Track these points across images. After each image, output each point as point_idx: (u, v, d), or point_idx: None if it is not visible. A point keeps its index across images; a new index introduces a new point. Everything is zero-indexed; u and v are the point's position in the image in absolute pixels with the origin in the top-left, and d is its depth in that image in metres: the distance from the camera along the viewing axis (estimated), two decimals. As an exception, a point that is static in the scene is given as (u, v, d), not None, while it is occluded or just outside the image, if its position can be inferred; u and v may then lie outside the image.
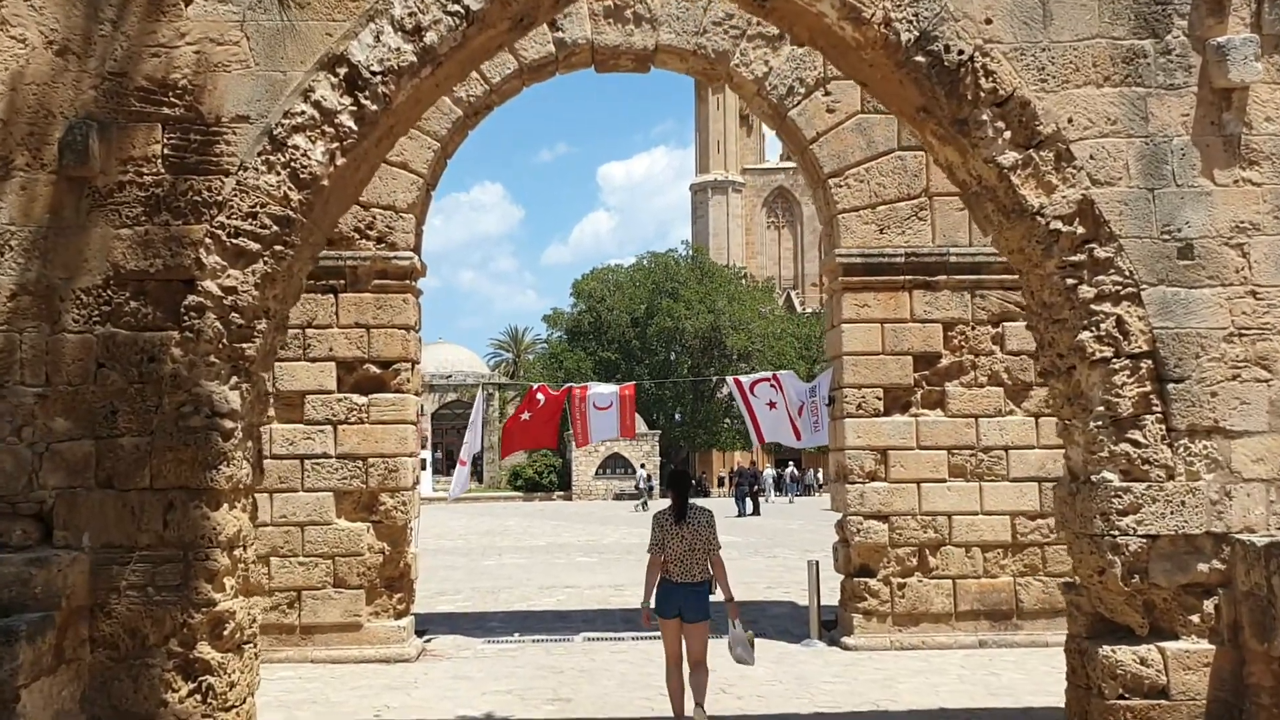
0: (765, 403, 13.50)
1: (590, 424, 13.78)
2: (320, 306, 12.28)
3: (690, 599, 8.23)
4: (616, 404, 13.74)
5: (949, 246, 12.59)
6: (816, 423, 13.20)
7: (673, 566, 8.24)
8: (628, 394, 13.78)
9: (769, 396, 13.50)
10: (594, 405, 13.91)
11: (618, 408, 13.75)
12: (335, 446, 12.16)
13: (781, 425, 13.39)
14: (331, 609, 12.00)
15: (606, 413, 13.80)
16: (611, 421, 13.77)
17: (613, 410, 13.78)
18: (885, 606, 12.25)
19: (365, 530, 12.11)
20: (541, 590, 17.70)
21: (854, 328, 12.54)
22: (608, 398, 13.80)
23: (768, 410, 13.47)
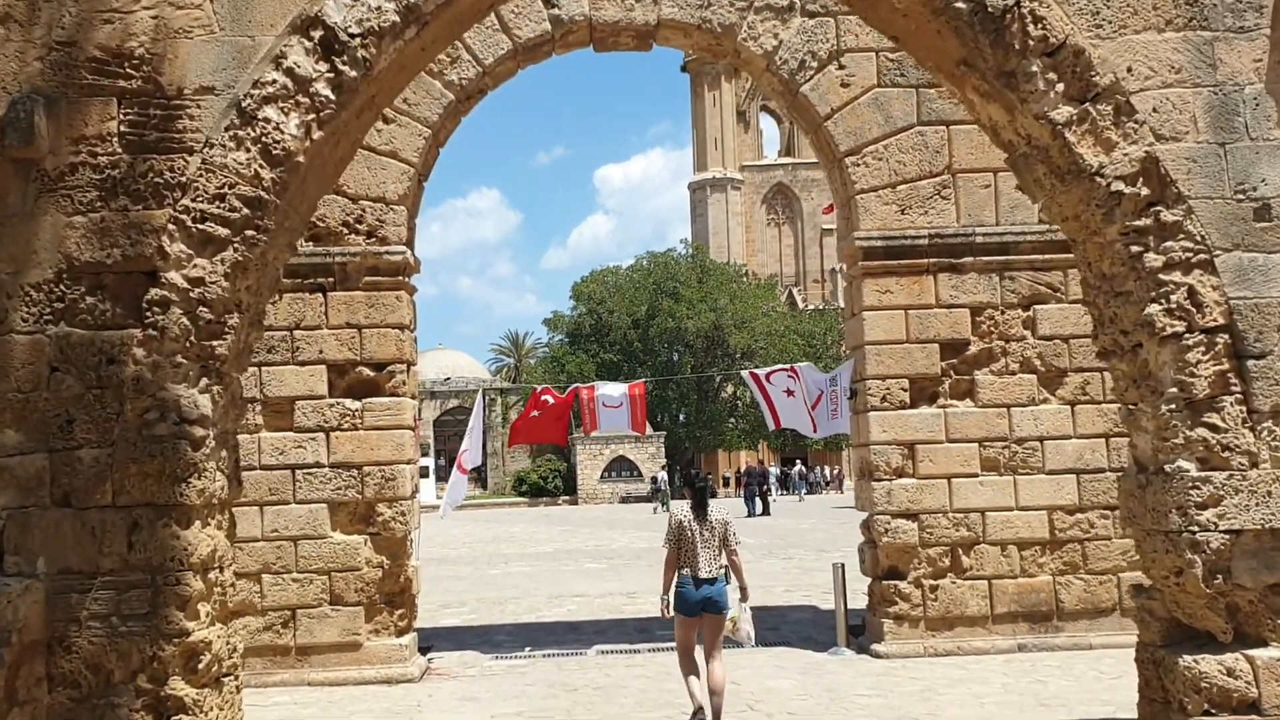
0: (782, 390, 12.80)
1: (599, 417, 13.07)
2: (308, 306, 11.55)
3: (717, 592, 8.44)
4: (627, 403, 13.01)
5: (975, 226, 11.86)
6: (835, 411, 12.46)
7: (691, 562, 8.41)
8: (638, 393, 13.04)
9: (786, 385, 12.79)
10: (603, 405, 13.17)
11: (628, 406, 13.02)
12: (328, 455, 11.43)
13: (799, 414, 12.67)
14: (328, 628, 11.27)
15: (616, 410, 13.08)
16: (622, 417, 13.05)
17: (623, 409, 13.05)
18: (917, 610, 11.51)
19: (362, 543, 11.37)
20: (550, 600, 16.96)
21: (876, 315, 11.80)
22: (617, 398, 13.07)
23: (785, 397, 12.76)
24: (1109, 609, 11.57)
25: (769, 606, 15.29)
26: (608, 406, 13.15)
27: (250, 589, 11.26)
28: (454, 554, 27.49)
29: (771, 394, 12.78)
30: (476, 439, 13.02)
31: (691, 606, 8.39)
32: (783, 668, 11.11)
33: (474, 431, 12.96)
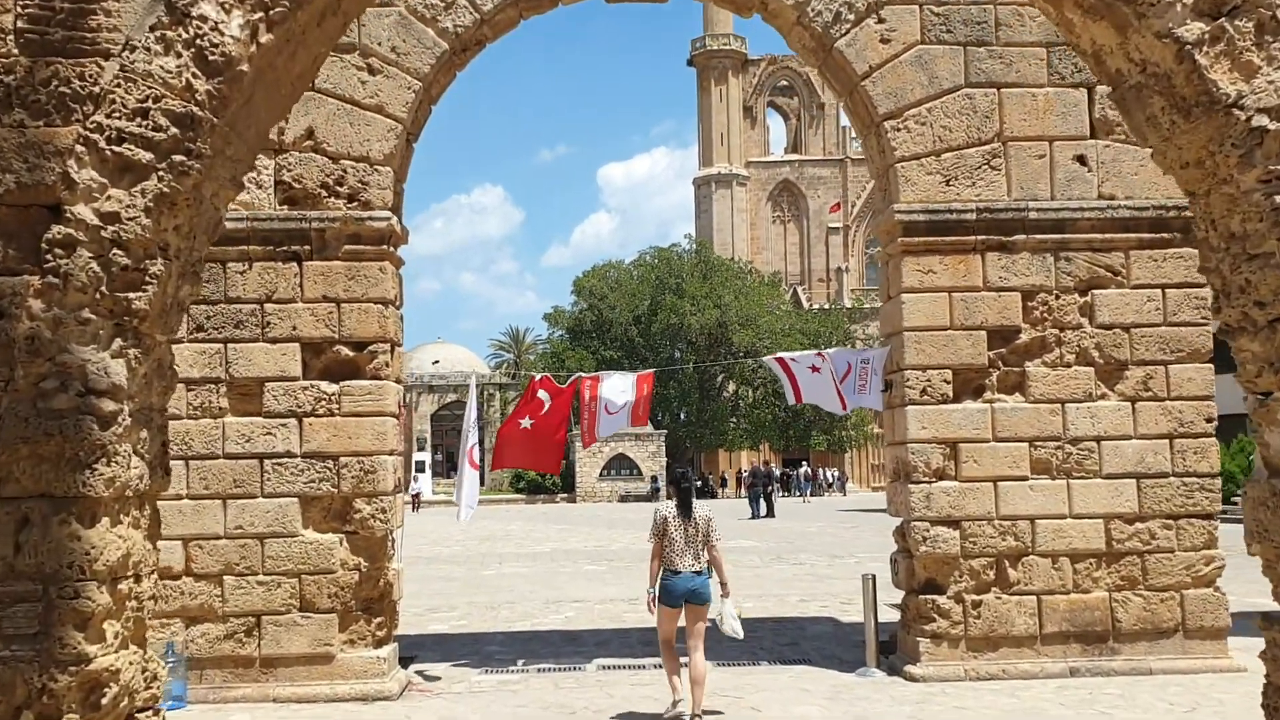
0: (807, 367, 11.58)
1: (599, 425, 11.74)
2: (281, 277, 10.32)
3: (699, 584, 8.77)
4: (630, 405, 11.68)
5: (1027, 200, 10.62)
6: (864, 385, 11.23)
7: (676, 557, 8.78)
8: (645, 392, 11.72)
9: (811, 363, 11.59)
10: (606, 411, 11.85)
11: (630, 406, 11.70)
12: (300, 443, 10.20)
13: (825, 390, 11.44)
14: (297, 637, 10.04)
15: (617, 415, 11.78)
16: (624, 418, 11.75)
17: (624, 411, 11.74)
18: (957, 629, 10.28)
19: (337, 543, 10.14)
20: (546, 605, 15.72)
21: (916, 298, 10.56)
22: (620, 404, 11.72)
23: (809, 374, 11.53)
24: (1171, 630, 10.34)
25: (785, 618, 14.06)
26: (610, 414, 11.85)
27: (210, 592, 10.03)
28: (447, 552, 26.27)
29: (795, 370, 11.58)
30: (474, 437, 11.74)
31: (675, 598, 8.79)
32: (807, 691, 9.88)
33: (470, 431, 11.66)
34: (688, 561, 8.74)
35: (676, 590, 8.75)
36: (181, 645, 9.90)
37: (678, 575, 8.74)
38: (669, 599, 8.80)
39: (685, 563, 8.74)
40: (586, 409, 11.78)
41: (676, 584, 8.74)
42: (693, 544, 8.76)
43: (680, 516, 8.83)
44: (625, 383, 11.89)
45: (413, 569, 21.44)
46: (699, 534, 8.79)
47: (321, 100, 10.40)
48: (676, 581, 8.74)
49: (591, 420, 11.74)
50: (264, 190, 10.38)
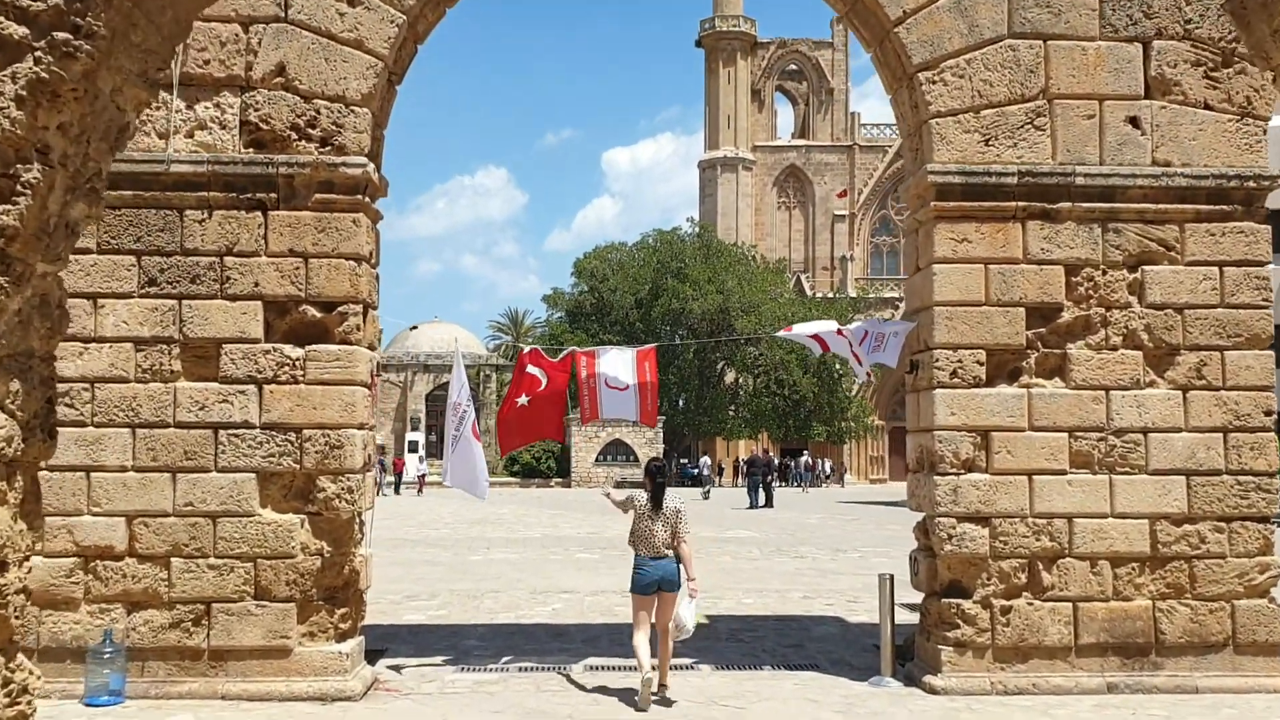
0: (833, 331, 10.66)
1: (602, 403, 10.67)
2: (243, 228, 9.27)
3: (668, 571, 9.02)
4: (635, 388, 10.62)
5: (1074, 165, 9.58)
6: (880, 346, 10.25)
7: (642, 545, 9.07)
8: (649, 368, 10.62)
9: (833, 328, 10.69)
10: (605, 384, 10.80)
11: (635, 392, 10.65)
12: (260, 413, 9.18)
13: (846, 351, 10.57)
14: (251, 628, 9.03)
15: (623, 394, 10.72)
16: (629, 403, 10.68)
17: (630, 393, 10.69)
18: (984, 637, 9.28)
19: (298, 525, 9.13)
20: (533, 596, 14.71)
21: (949, 270, 9.53)
22: (624, 382, 10.66)
23: (835, 336, 10.60)
24: (1220, 643, 9.35)
25: (788, 616, 13.06)
26: (611, 388, 10.79)
27: (156, 576, 9.02)
28: (434, 535, 25.27)
29: (819, 331, 10.69)
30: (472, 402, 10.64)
31: (647, 586, 9.02)
32: (816, 702, 8.88)
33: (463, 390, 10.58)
34: (656, 552, 9.03)
35: (648, 579, 9.02)
36: (121, 634, 8.90)
37: (648, 564, 9.02)
38: (641, 588, 9.05)
39: (654, 552, 9.03)
40: (585, 386, 10.72)
41: (648, 573, 9.02)
42: (663, 534, 9.03)
43: (652, 508, 9.10)
44: (625, 358, 10.83)
45: (396, 552, 20.48)
46: (669, 525, 9.05)
47: (295, 32, 9.34)
48: (647, 571, 9.02)
49: (592, 396, 10.68)
50: (228, 131, 9.33)
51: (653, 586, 9.00)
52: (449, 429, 10.52)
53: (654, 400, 10.94)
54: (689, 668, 10.12)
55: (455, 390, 10.66)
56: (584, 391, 10.68)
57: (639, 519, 9.15)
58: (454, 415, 10.45)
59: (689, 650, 10.84)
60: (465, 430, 10.42)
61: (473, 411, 10.60)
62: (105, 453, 9.07)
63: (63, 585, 8.97)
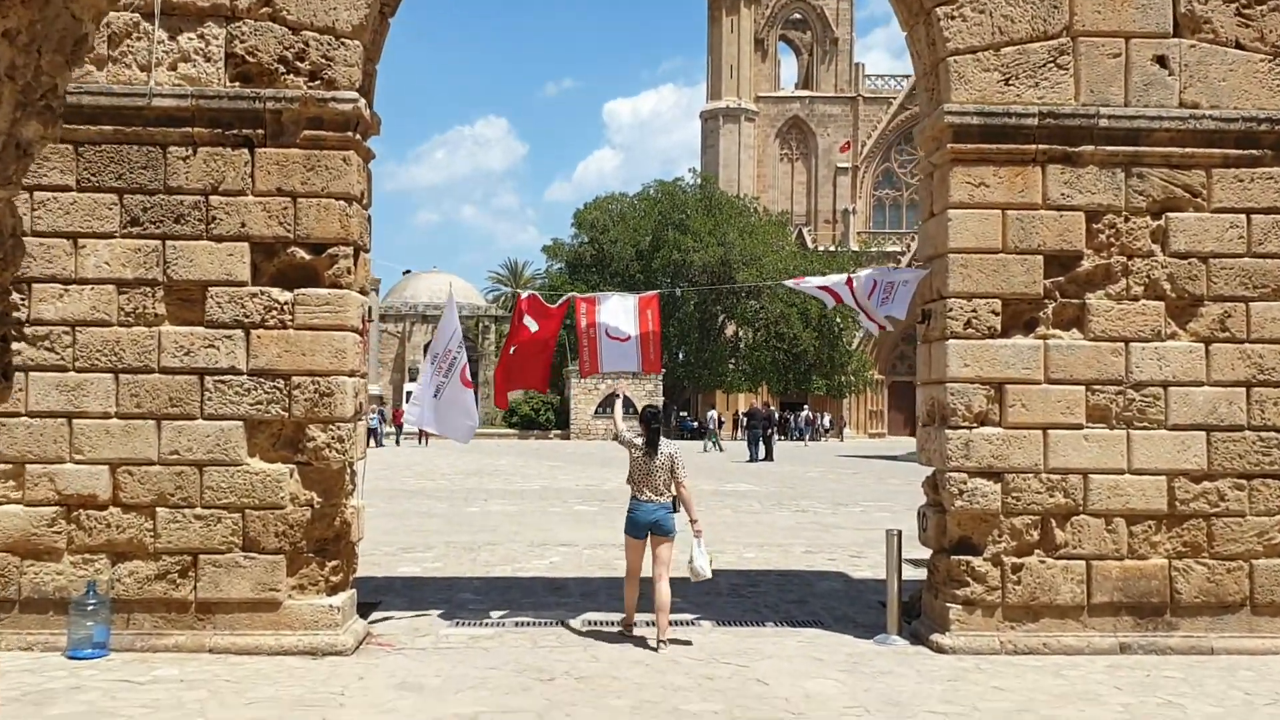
0: (842, 282, 10.23)
1: (602, 354, 10.31)
2: (229, 166, 8.87)
3: (662, 516, 9.21)
4: (636, 338, 10.25)
5: (1098, 106, 9.16)
6: (890, 297, 9.88)
7: (637, 487, 9.30)
8: (651, 317, 10.24)
9: (842, 279, 10.27)
10: (606, 334, 10.42)
11: (637, 342, 10.27)
12: (247, 359, 8.84)
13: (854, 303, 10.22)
14: (239, 580, 8.76)
15: (624, 344, 10.36)
16: (630, 353, 10.31)
17: (631, 343, 10.32)
18: (994, 595, 9.01)
19: (287, 475, 8.82)
20: (531, 549, 14.46)
21: (965, 215, 9.14)
22: (626, 332, 10.27)
23: (845, 288, 10.19)
24: (1237, 604, 9.08)
25: (790, 571, 12.82)
26: (612, 338, 10.41)
27: (141, 525, 8.73)
28: (431, 486, 25.06)
29: (830, 284, 10.31)
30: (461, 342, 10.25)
31: (640, 528, 9.24)
32: (820, 661, 8.63)
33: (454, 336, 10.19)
34: (651, 494, 9.22)
35: (641, 520, 9.22)
36: (106, 585, 8.63)
37: (642, 506, 9.23)
38: (634, 529, 9.28)
39: (650, 494, 9.22)
40: (584, 336, 10.35)
41: (641, 514, 9.22)
42: (658, 478, 9.23)
43: (647, 453, 9.28)
44: (626, 305, 10.45)
45: (392, 503, 20.25)
46: (665, 470, 9.24)
47: (281, -40, 8.88)
48: (641, 512, 9.22)
49: (592, 348, 10.30)
50: (212, 64, 8.90)
51: (644, 529, 9.21)
52: (428, 375, 10.16)
53: (657, 349, 10.59)
54: (690, 623, 9.88)
55: (445, 337, 10.26)
56: (584, 342, 10.32)
57: (636, 462, 9.34)
58: (443, 361, 10.08)
59: (690, 605, 10.60)
60: (454, 377, 10.08)
61: (464, 357, 10.24)
62: (87, 399, 8.74)
63: (44, 535, 8.68)
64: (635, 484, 9.33)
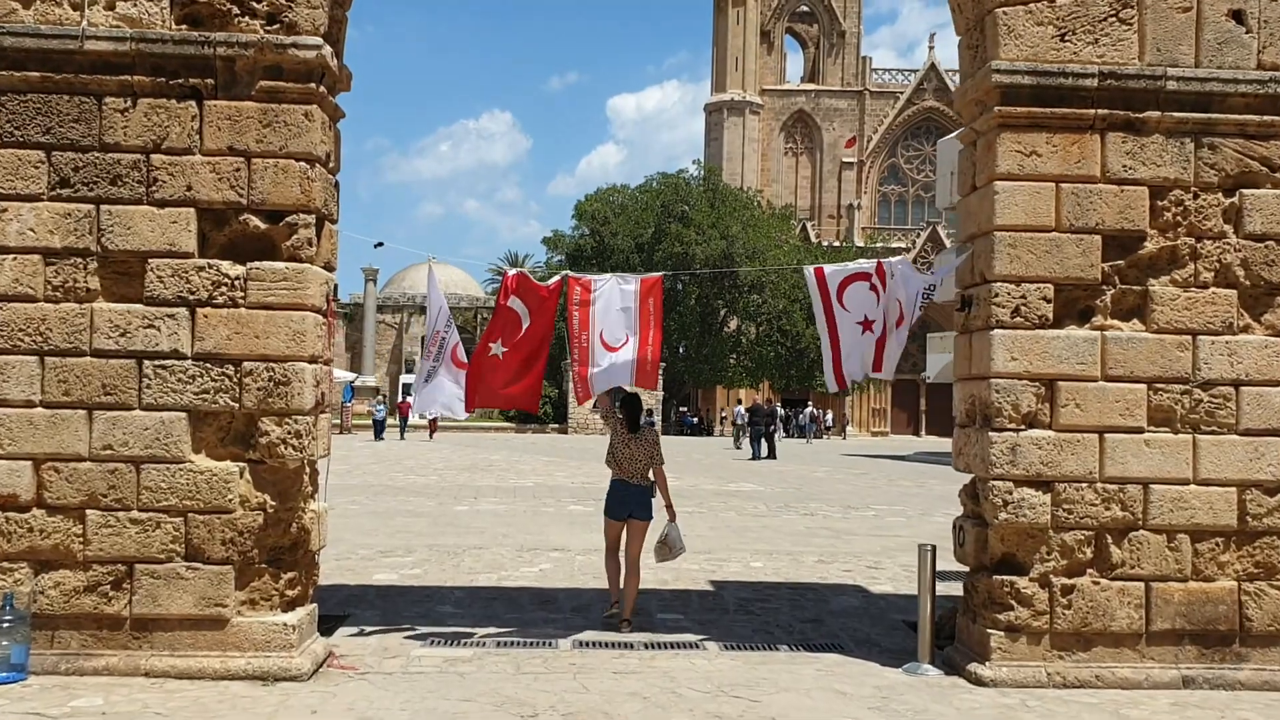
0: (855, 321, 8.92)
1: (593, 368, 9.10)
2: (174, 120, 7.76)
3: (640, 498, 9.41)
4: (635, 340, 9.08)
5: (1165, 66, 8.05)
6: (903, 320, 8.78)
7: (618, 468, 9.45)
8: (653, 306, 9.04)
9: (864, 311, 8.88)
10: (601, 339, 9.26)
11: (635, 344, 9.11)
12: (193, 342, 7.74)
13: (869, 351, 8.87)
14: (181, 594, 7.66)
15: (618, 354, 9.17)
16: (625, 363, 9.12)
17: (628, 349, 9.15)
18: (1041, 620, 7.92)
19: (236, 474, 7.73)
20: (520, 554, 13.36)
21: (1014, 188, 8.03)
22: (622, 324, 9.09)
23: (857, 334, 8.90)
24: (1318, 634, 7.99)
25: (802, 584, 11.72)
26: (608, 347, 9.22)
27: (69, 530, 7.63)
28: (420, 482, 23.96)
29: (840, 324, 8.92)
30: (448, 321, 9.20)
31: (619, 511, 9.45)
32: (844, 695, 7.53)
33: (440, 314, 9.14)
34: (633, 475, 9.43)
35: (621, 503, 9.43)
36: (26, 598, 7.53)
37: (623, 488, 9.44)
38: (614, 511, 9.48)
39: (631, 476, 9.44)
40: (576, 342, 9.21)
41: (622, 498, 9.42)
42: (637, 461, 9.42)
43: (629, 434, 9.43)
44: (627, 291, 9.32)
45: (377, 500, 19.19)
46: (644, 452, 9.42)
47: (237, -113, 7.76)
48: (622, 495, 9.42)
49: (583, 361, 9.15)
50: (156, 3, 7.78)
51: (624, 511, 9.41)
52: (423, 361, 9.19)
53: (655, 357, 9.39)
54: (693, 646, 8.79)
55: (432, 319, 9.20)
56: (575, 348, 9.18)
57: (616, 442, 9.48)
58: (432, 344, 9.11)
59: (693, 624, 9.52)
60: (445, 357, 9.06)
61: (454, 335, 9.21)
62: (8, 384, 7.63)
63: (-43, 539, 7.59)
64: (616, 466, 9.48)
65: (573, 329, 9.36)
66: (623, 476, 9.44)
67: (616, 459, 9.46)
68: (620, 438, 9.46)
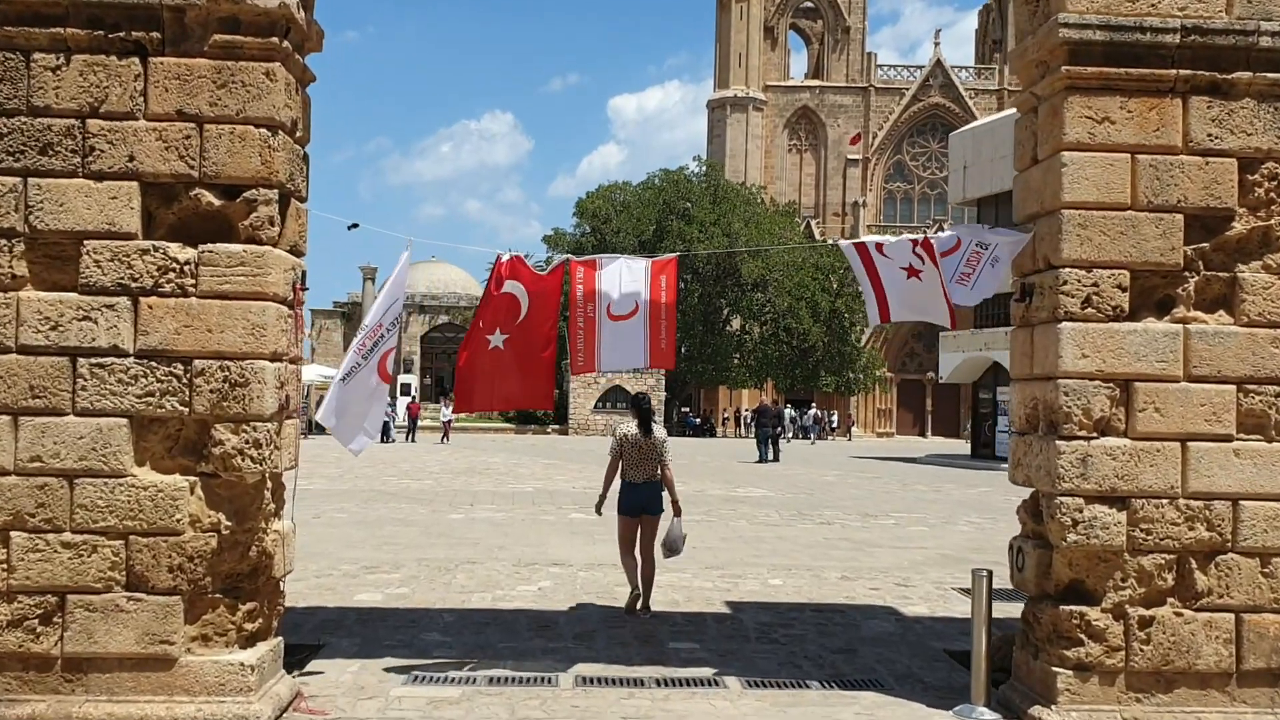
0: (900, 266, 7.88)
1: (600, 338, 8.08)
2: (113, 80, 6.71)
3: (652, 494, 9.85)
4: (646, 307, 8.08)
5: (1258, 20, 6.99)
6: (968, 276, 7.72)
7: (631, 470, 9.81)
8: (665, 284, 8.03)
9: (907, 259, 7.85)
10: (608, 311, 8.25)
11: (646, 317, 8.10)
12: (135, 337, 6.69)
13: (927, 298, 7.80)
14: (121, 629, 6.61)
15: (627, 323, 8.16)
16: (636, 336, 8.09)
17: (639, 320, 8.13)
18: (1115, 657, 6.86)
19: (186, 490, 6.67)
20: (517, 571, 12.28)
21: (1084, 160, 6.97)
22: (630, 296, 8.11)
23: (901, 279, 7.87)
24: None
25: (828, 605, 10.65)
26: (616, 317, 8.19)
27: (-8, 555, 6.58)
28: (414, 487, 22.89)
29: (881, 269, 7.92)
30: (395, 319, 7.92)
31: (632, 509, 9.78)
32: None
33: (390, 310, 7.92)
34: (644, 476, 9.80)
35: (635, 501, 9.80)
36: (-60, 634, 6.48)
37: (635, 488, 9.81)
38: (628, 510, 9.85)
39: (642, 477, 9.80)
40: (580, 313, 8.16)
41: (634, 496, 9.80)
42: (649, 461, 9.78)
43: (641, 435, 9.77)
44: (635, 270, 8.30)
45: (367, 508, 18.13)
46: (654, 452, 9.79)
47: None
48: (634, 494, 9.81)
49: (589, 334, 8.11)
50: (95, -54, 6.73)
51: (638, 509, 9.78)
52: (352, 351, 7.86)
53: (670, 333, 8.39)
54: (712, 683, 7.73)
55: (382, 307, 7.96)
56: (578, 324, 8.13)
57: (630, 447, 9.78)
58: (369, 338, 7.78)
59: (711, 655, 8.47)
60: (373, 361, 7.82)
61: (393, 339, 8.00)
62: (-79, 386, 6.59)
63: None
64: (628, 466, 9.79)
65: (575, 299, 8.33)
66: (635, 478, 9.77)
67: (629, 459, 9.78)
68: (631, 440, 9.76)
